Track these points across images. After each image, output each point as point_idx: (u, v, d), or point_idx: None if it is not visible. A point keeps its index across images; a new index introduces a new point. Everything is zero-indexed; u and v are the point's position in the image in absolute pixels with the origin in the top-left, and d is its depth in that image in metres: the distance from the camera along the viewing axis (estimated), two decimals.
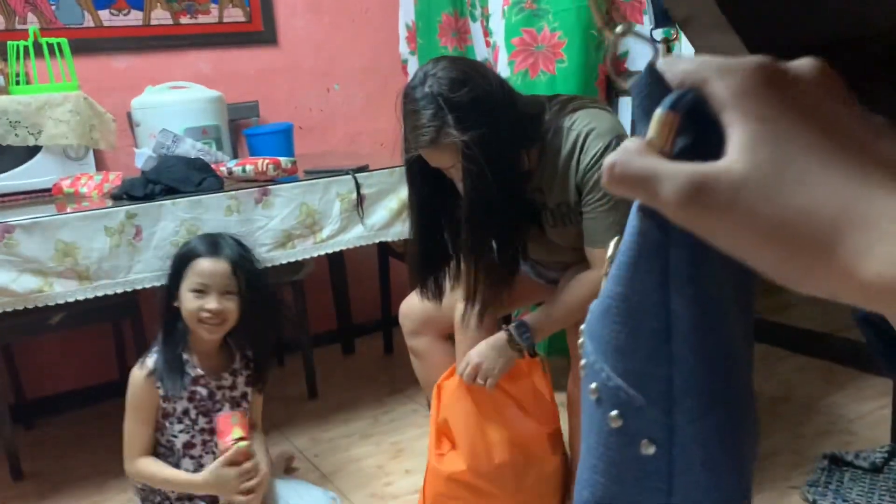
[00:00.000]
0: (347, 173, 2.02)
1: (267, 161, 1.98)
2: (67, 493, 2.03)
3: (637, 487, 0.48)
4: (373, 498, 1.87)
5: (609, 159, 0.35)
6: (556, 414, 1.63)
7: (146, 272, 1.81)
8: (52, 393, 2.57)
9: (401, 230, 2.13)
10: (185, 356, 1.60)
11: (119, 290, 1.80)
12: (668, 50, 0.50)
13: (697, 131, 0.36)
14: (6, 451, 2.10)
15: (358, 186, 2.03)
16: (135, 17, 2.56)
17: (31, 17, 2.40)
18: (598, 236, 1.44)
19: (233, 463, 1.53)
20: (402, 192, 2.10)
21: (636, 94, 0.41)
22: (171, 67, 2.61)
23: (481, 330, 1.59)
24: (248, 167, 1.98)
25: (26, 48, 2.15)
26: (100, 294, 1.78)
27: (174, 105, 2.20)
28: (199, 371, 1.61)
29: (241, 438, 1.54)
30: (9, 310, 1.70)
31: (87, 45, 2.45)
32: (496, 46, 2.23)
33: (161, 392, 1.57)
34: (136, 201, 1.81)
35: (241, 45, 2.74)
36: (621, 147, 0.36)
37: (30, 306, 1.72)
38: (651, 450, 0.47)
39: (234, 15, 2.71)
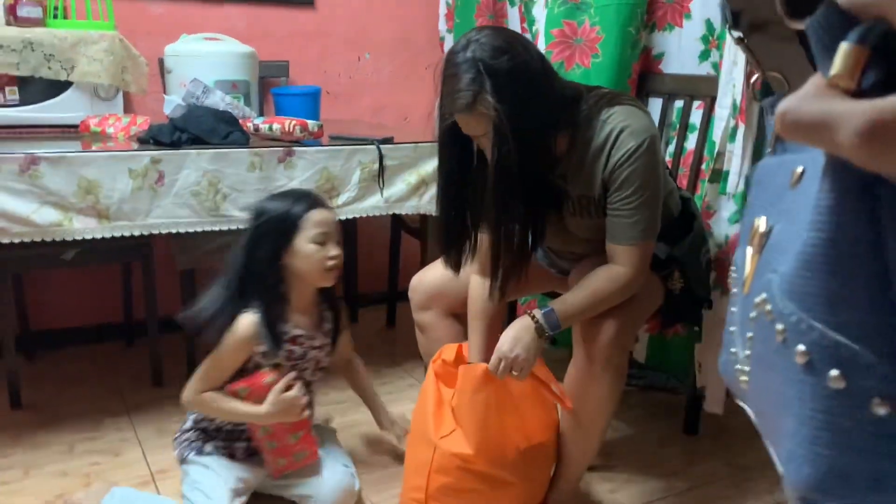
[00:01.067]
0: (373, 143, 2.03)
1: (294, 122, 1.98)
2: (64, 427, 2.06)
3: (874, 455, 0.42)
4: (363, 465, 1.90)
5: (781, 106, 0.33)
6: (553, 402, 1.65)
7: (164, 218, 1.83)
8: (57, 327, 2.60)
9: (416, 204, 2.15)
10: (285, 314, 1.64)
11: (136, 233, 1.81)
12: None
13: (888, 65, 0.34)
14: (7, 379, 2.13)
15: (381, 157, 2.04)
16: None
17: None
18: (623, 234, 1.45)
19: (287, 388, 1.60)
20: (422, 168, 2.12)
21: (813, 31, 0.38)
22: (206, 18, 2.62)
23: (494, 313, 1.61)
24: (276, 126, 1.99)
25: None
26: (117, 234, 1.79)
27: (207, 56, 2.21)
28: (297, 331, 1.65)
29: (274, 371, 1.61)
30: (26, 240, 1.72)
31: None
32: (536, 34, 2.23)
33: (262, 349, 1.61)
34: (162, 147, 1.83)
35: (277, 3, 2.73)
36: (794, 94, 0.33)
37: (47, 239, 1.74)
38: (884, 409, 0.41)
39: None
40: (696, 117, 2.06)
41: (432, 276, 1.76)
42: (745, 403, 0.58)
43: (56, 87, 2.09)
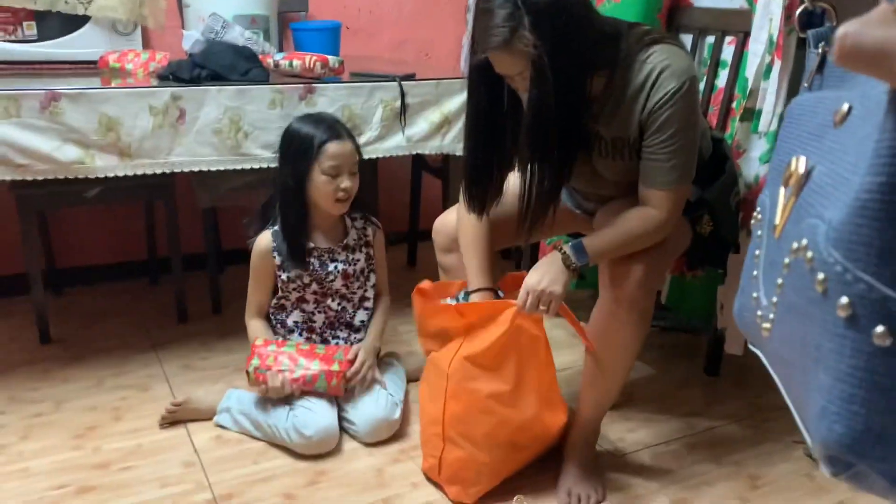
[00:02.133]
0: (394, 80, 1.99)
1: (315, 58, 1.95)
2: (92, 361, 2.10)
3: None
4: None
5: (841, 30, 0.31)
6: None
7: (185, 156, 1.82)
8: (82, 264, 2.63)
9: (439, 144, 2.12)
10: (304, 231, 1.78)
11: (158, 171, 1.81)
12: None
13: None
14: (37, 314, 2.16)
15: (403, 95, 2.00)
16: None
17: None
18: (658, 178, 1.41)
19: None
20: (445, 106, 2.08)
21: None
22: None
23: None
24: (296, 62, 1.96)
25: None
26: (139, 172, 1.79)
27: None
28: (311, 244, 1.79)
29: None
30: (49, 178, 1.72)
31: None
32: None
33: (278, 262, 1.79)
34: (182, 84, 1.80)
35: None
36: (857, 18, 0.31)
37: (70, 176, 1.74)
38: None
39: None
40: (727, 53, 2.00)
41: (456, 217, 1.74)
42: (761, 351, 0.56)
43: (74, 23, 2.06)
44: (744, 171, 1.89)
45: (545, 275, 1.44)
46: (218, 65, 1.85)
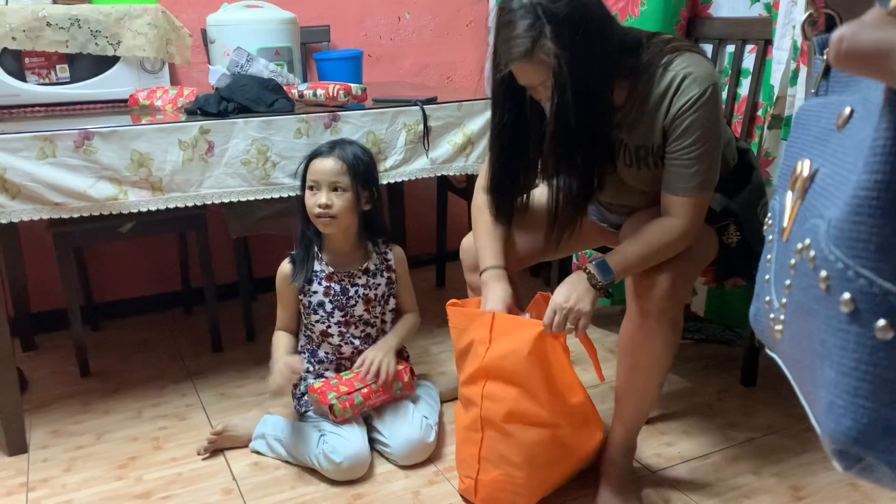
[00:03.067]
0: (416, 104, 2.02)
1: (338, 87, 1.98)
2: (131, 392, 2.13)
3: None
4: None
5: (837, 33, 0.32)
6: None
7: (216, 188, 1.86)
8: (119, 298, 2.68)
9: (463, 165, 2.14)
10: (319, 255, 1.81)
11: (189, 204, 1.85)
12: None
13: None
14: (76, 349, 2.21)
15: (426, 118, 2.03)
16: None
17: None
18: (680, 184, 1.41)
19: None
20: (467, 127, 2.10)
21: None
22: None
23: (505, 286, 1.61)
24: (320, 91, 1.99)
25: None
26: (171, 206, 1.83)
27: (249, 24, 2.21)
28: (330, 269, 1.80)
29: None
30: (84, 215, 1.77)
31: None
32: None
33: (296, 285, 1.80)
34: (210, 117, 1.84)
35: None
36: (852, 21, 0.32)
37: (105, 213, 1.78)
38: None
39: None
40: (748, 62, 1.99)
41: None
42: (776, 354, 0.57)
43: (104, 63, 2.12)
44: (774, 178, 1.88)
45: (572, 293, 1.44)
46: (244, 98, 1.89)
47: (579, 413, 1.59)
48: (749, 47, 1.99)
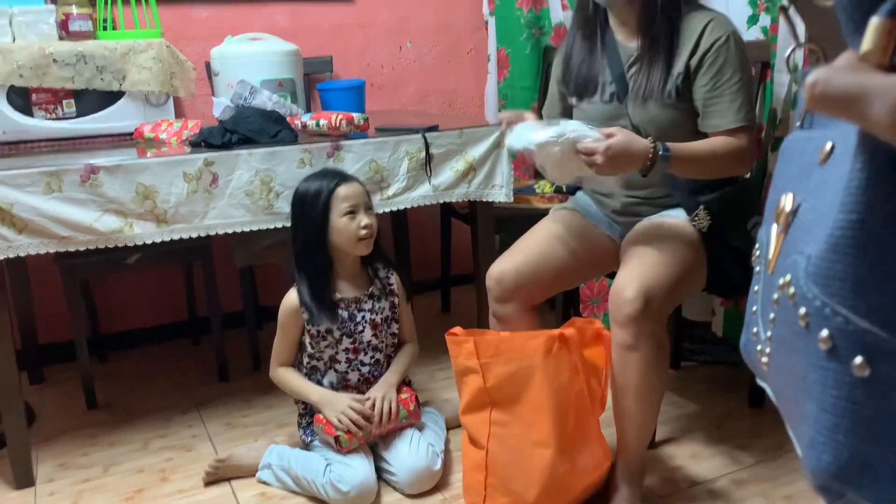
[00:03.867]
0: (418, 132, 2.04)
1: (341, 116, 2.00)
2: (138, 424, 2.14)
3: None
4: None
5: (811, 77, 0.33)
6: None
7: (220, 219, 1.87)
8: (125, 329, 2.69)
9: (465, 191, 2.15)
10: (329, 284, 1.81)
11: (194, 235, 1.86)
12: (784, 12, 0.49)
13: None
14: (83, 381, 2.22)
15: (427, 146, 2.04)
16: None
17: None
18: (729, 117, 1.54)
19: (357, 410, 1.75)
20: (469, 154, 2.12)
21: (843, 7, 0.38)
22: (249, 18, 2.66)
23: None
24: (322, 121, 2.01)
25: None
26: (176, 237, 1.84)
27: (252, 56, 2.24)
28: (338, 295, 1.81)
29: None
30: (91, 247, 1.78)
31: None
32: None
33: (306, 317, 1.79)
34: (214, 149, 1.87)
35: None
36: (825, 66, 0.33)
37: (110, 245, 1.80)
38: None
39: None
40: None
41: (512, 266, 1.72)
42: (765, 383, 0.57)
43: (109, 97, 2.16)
44: None
45: (623, 138, 1.45)
46: (248, 129, 1.91)
47: (588, 437, 1.59)
48: None
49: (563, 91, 1.80)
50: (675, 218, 1.64)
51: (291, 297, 1.82)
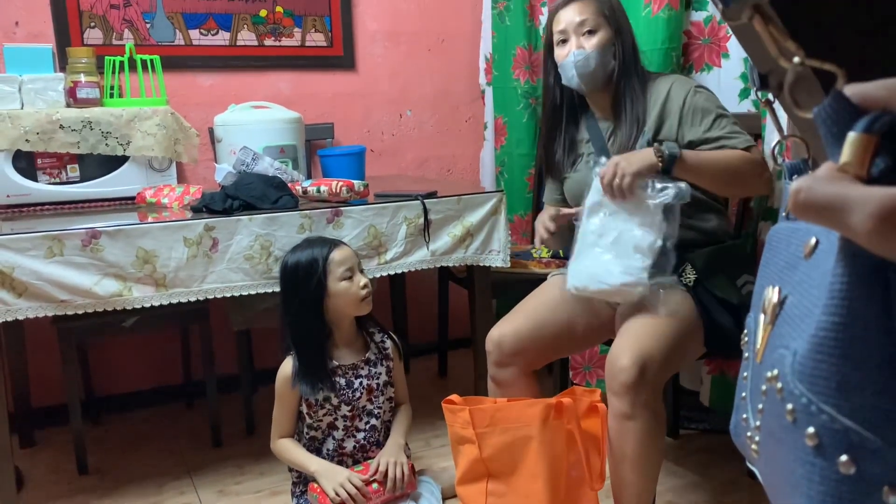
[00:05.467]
0: (416, 198, 2.07)
1: (341, 183, 2.04)
2: (129, 490, 2.10)
3: None
4: None
5: (794, 185, 0.35)
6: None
7: (218, 282, 1.88)
8: (119, 392, 2.67)
9: (462, 256, 2.17)
10: (326, 353, 1.81)
11: (192, 299, 1.87)
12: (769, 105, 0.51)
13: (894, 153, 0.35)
14: (75, 445, 2.19)
15: (426, 212, 2.07)
16: (222, 38, 2.67)
17: (127, 33, 2.53)
18: (736, 141, 1.61)
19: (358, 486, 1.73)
20: (467, 219, 2.14)
21: (822, 120, 0.40)
22: (252, 86, 2.72)
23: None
24: (323, 188, 2.05)
25: (122, 63, 2.28)
26: (174, 301, 1.85)
27: (255, 124, 2.29)
28: (335, 363, 1.82)
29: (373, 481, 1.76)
30: (88, 311, 1.79)
31: (176, 61, 2.58)
32: None
33: (300, 392, 1.79)
34: (215, 215, 1.89)
35: (320, 68, 2.83)
36: (808, 175, 0.35)
37: (109, 309, 1.80)
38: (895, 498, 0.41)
39: (317, 39, 2.81)
40: None
41: (513, 330, 1.73)
42: (756, 469, 0.58)
43: (113, 162, 2.19)
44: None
45: (633, 155, 1.56)
46: (249, 195, 1.94)
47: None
48: None
49: (555, 182, 1.95)
50: (669, 285, 1.66)
51: (286, 369, 1.81)
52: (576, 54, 1.71)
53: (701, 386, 2.19)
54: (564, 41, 1.74)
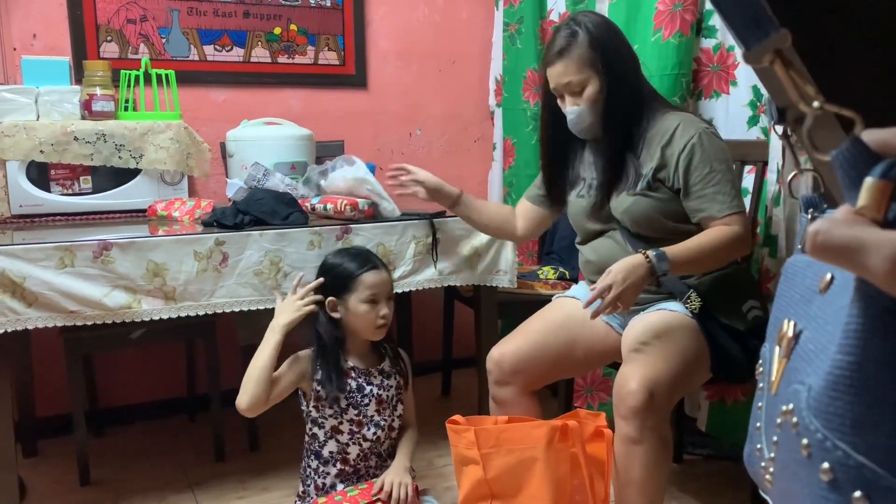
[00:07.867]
0: (426, 218, 2.08)
1: (346, 202, 2.05)
2: (131, 503, 2.10)
3: None
4: None
5: (813, 227, 0.36)
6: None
7: (227, 297, 1.89)
8: (123, 404, 2.67)
9: (469, 276, 2.18)
10: (340, 356, 1.80)
11: (201, 312, 1.88)
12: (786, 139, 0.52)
13: None
14: (79, 456, 2.19)
15: (434, 231, 2.08)
16: (236, 54, 2.70)
17: (142, 48, 2.56)
18: (716, 207, 1.58)
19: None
20: (475, 240, 2.15)
21: (840, 164, 0.41)
22: (265, 102, 2.75)
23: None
24: (329, 206, 2.06)
25: (137, 77, 2.31)
26: (182, 315, 1.86)
27: (267, 140, 2.31)
28: (349, 363, 1.81)
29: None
30: (97, 322, 1.80)
31: (190, 76, 2.60)
32: None
33: (318, 390, 1.77)
34: (226, 229, 1.90)
35: (332, 86, 2.86)
36: (826, 216, 0.36)
37: (117, 321, 1.81)
38: None
39: (329, 58, 2.84)
40: (747, 182, 2.06)
41: (513, 349, 1.75)
42: (769, 498, 0.59)
43: (125, 175, 2.21)
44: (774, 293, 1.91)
45: (630, 273, 1.50)
46: (260, 211, 1.96)
47: None
48: (748, 167, 2.06)
49: (542, 195, 1.97)
50: (675, 311, 1.66)
51: (304, 358, 1.81)
52: (569, 112, 1.70)
53: (699, 412, 2.19)
54: (561, 96, 1.72)
